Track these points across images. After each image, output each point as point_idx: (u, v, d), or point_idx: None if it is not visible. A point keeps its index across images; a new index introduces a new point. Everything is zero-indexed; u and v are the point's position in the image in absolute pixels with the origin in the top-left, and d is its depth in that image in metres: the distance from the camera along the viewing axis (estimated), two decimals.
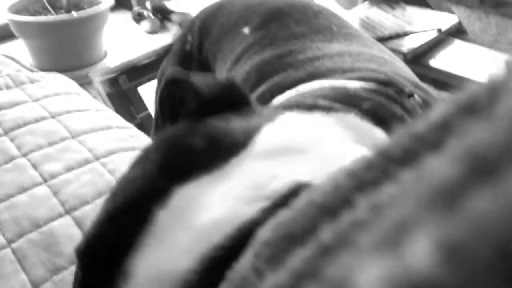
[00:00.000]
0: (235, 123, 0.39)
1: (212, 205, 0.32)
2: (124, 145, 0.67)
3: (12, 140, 0.66)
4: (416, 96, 0.59)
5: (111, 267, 0.32)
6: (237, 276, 0.22)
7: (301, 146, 0.37)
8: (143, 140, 0.70)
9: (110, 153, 0.65)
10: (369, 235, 0.14)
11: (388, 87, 0.57)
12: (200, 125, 0.38)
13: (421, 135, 0.16)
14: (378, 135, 0.46)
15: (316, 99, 0.51)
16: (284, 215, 0.21)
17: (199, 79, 0.44)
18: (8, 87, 0.77)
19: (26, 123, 0.69)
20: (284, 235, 0.20)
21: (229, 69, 0.89)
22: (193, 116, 0.40)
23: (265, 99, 0.68)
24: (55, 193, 0.59)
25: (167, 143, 0.37)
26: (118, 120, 0.73)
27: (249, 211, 0.31)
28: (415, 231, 0.12)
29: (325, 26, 0.84)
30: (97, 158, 0.64)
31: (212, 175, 0.34)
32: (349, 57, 0.71)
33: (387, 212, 0.14)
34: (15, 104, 0.73)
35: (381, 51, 0.79)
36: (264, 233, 0.22)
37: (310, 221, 0.19)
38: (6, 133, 0.67)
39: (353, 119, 0.47)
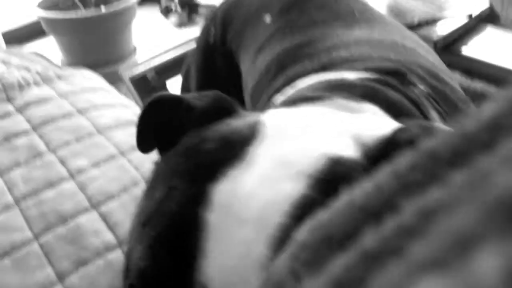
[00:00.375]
0: (235, 123, 0.39)
1: (255, 192, 0.32)
2: None
3: (40, 136, 0.68)
4: (422, 86, 0.57)
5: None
6: (273, 277, 0.21)
7: (304, 125, 0.38)
8: None
9: (136, 148, 0.66)
10: (422, 245, 0.13)
11: (391, 76, 0.56)
12: (205, 132, 0.39)
13: (472, 135, 0.15)
14: (371, 110, 0.45)
15: (307, 92, 0.51)
16: (322, 216, 0.20)
17: (187, 96, 0.44)
18: (36, 83, 0.79)
19: (54, 119, 0.70)
20: (323, 238, 0.19)
21: (253, 60, 0.88)
22: (194, 128, 0.40)
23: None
24: (82, 189, 0.60)
25: (182, 155, 0.38)
26: None
27: (294, 187, 0.32)
28: (481, 246, 0.11)
29: (346, 11, 0.83)
30: (122, 154, 0.65)
31: (237, 168, 0.34)
32: (367, 46, 0.70)
33: (440, 221, 0.13)
34: (44, 100, 0.74)
35: (405, 37, 0.77)
36: (301, 234, 0.20)
37: (350, 224, 0.18)
38: (34, 129, 0.69)
39: (341, 100, 0.46)
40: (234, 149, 0.35)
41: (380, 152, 0.33)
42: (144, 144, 0.46)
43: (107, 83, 0.87)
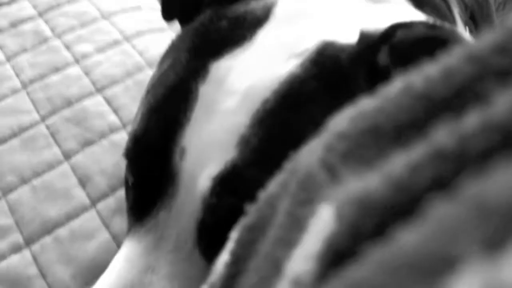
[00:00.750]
0: (254, 4, 0.39)
1: (249, 69, 0.33)
2: (154, 26, 0.66)
3: (46, 22, 0.67)
4: None
5: (164, 153, 0.33)
6: (301, 169, 0.18)
7: (317, 10, 0.37)
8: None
9: (140, 34, 0.64)
10: None
11: None
12: (222, 11, 0.38)
13: None
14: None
15: None
16: (366, 104, 0.17)
17: None
18: None
19: (59, 5, 0.69)
20: (368, 129, 0.16)
21: None
22: (214, 6, 0.39)
23: None
24: (87, 73, 0.60)
25: (195, 30, 0.38)
26: (149, 0, 0.71)
27: (287, 67, 0.32)
28: None
29: None
30: (127, 39, 0.64)
31: (243, 47, 0.35)
32: None
33: None
34: None
35: None
36: (338, 123, 0.18)
37: (409, 114, 0.15)
38: (40, 15, 0.68)
39: None
40: (245, 29, 0.36)
41: (373, 43, 0.32)
42: (168, 12, 0.46)
43: None
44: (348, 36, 0.34)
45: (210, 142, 0.31)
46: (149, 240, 0.34)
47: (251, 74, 0.33)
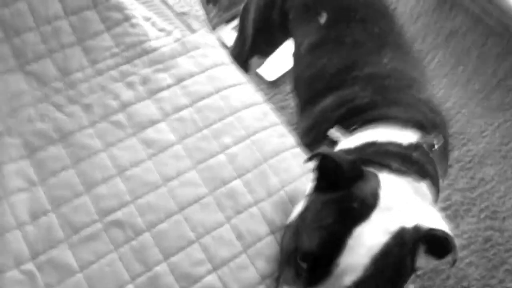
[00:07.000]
0: (366, 189, 0.81)
1: (370, 235, 0.75)
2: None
3: (197, 112, 1.04)
4: (436, 146, 0.99)
5: (326, 263, 0.76)
6: None
7: (398, 205, 0.81)
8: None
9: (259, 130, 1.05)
10: None
11: (425, 137, 0.97)
12: (349, 193, 0.80)
13: None
14: (427, 192, 0.91)
15: (386, 159, 0.91)
16: None
17: (337, 156, 0.83)
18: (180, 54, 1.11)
19: (202, 98, 1.06)
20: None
21: (303, 54, 1.23)
22: (342, 186, 0.81)
23: (332, 110, 1.06)
24: (230, 162, 0.99)
25: (335, 207, 0.80)
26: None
27: (386, 238, 0.76)
28: None
29: (380, 31, 1.15)
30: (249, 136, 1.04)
31: (366, 221, 0.77)
32: (394, 81, 1.07)
33: None
34: (191, 75, 1.08)
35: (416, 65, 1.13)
36: None
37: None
38: (192, 104, 1.05)
39: (415, 183, 0.90)
40: (366, 210, 0.78)
41: (420, 238, 0.78)
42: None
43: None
44: (412, 223, 0.78)
45: (351, 263, 0.76)
46: None
47: (370, 238, 0.74)
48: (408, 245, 0.78)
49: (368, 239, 0.75)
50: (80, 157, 0.95)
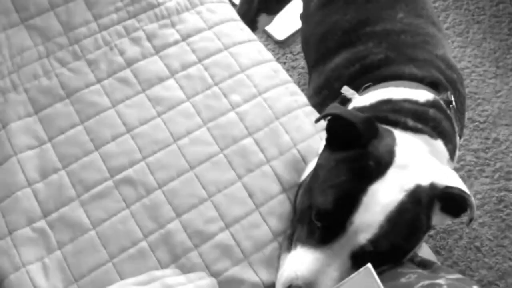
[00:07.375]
0: (381, 147, 0.79)
1: (385, 192, 0.74)
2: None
3: (205, 69, 1.01)
4: (453, 101, 0.96)
5: (340, 220, 0.75)
6: None
7: (414, 163, 0.79)
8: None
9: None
10: None
11: (442, 93, 0.94)
12: (365, 151, 0.78)
13: None
14: (443, 149, 0.88)
15: (402, 116, 0.89)
16: None
17: (351, 115, 0.80)
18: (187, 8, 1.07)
19: (211, 55, 1.03)
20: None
21: (313, 11, 1.19)
22: (357, 144, 0.79)
23: (344, 68, 1.03)
24: (241, 120, 0.98)
25: (349, 165, 0.78)
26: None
27: (401, 195, 0.74)
28: None
29: None
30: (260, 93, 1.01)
31: (382, 179, 0.75)
32: (410, 37, 1.03)
33: None
34: (199, 31, 1.05)
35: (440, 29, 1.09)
36: None
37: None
38: (200, 61, 1.02)
39: (432, 140, 0.87)
40: (382, 168, 0.76)
41: (436, 196, 0.77)
42: (332, 144, 0.84)
43: None
44: (427, 181, 0.76)
45: (366, 222, 0.75)
46: (324, 254, 0.79)
47: (386, 194, 0.72)
48: (424, 203, 0.76)
49: (383, 197, 0.73)
50: (88, 115, 0.93)
